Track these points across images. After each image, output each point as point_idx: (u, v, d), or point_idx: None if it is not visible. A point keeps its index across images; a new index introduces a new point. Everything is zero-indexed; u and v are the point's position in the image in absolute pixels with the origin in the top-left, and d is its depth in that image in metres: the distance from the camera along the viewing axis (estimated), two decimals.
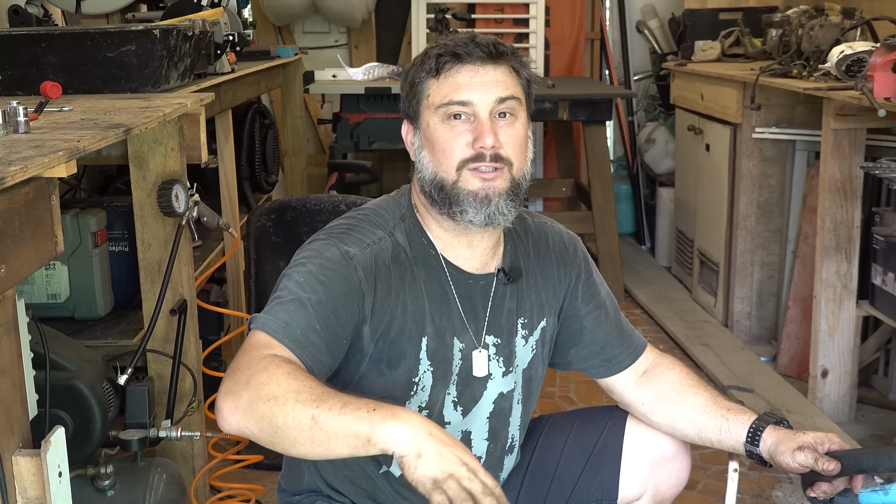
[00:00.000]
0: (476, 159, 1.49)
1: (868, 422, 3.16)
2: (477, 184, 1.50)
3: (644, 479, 1.74)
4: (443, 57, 1.50)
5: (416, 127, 1.57)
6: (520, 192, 1.54)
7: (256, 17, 5.33)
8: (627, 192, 5.54)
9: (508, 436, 1.71)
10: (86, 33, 2.24)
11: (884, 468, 1.46)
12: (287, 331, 1.40)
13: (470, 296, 1.60)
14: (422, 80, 1.53)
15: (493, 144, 1.48)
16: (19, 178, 1.26)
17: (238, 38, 3.02)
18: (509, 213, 1.53)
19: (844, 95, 2.79)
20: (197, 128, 2.24)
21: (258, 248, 3.07)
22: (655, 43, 5.48)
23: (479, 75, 1.50)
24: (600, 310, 1.73)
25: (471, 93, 1.49)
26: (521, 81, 1.55)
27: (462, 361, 1.60)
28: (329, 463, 1.65)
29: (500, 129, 1.50)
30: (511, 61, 1.53)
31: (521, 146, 1.53)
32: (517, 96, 1.52)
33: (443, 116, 1.50)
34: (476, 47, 1.49)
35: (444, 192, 1.52)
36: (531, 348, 1.68)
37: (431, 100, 1.52)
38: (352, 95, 4.52)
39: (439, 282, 1.58)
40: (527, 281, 1.66)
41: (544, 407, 3.29)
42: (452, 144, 1.50)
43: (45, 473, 1.33)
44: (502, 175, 1.51)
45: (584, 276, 1.72)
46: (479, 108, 1.49)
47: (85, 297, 2.42)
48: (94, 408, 1.91)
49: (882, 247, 2.92)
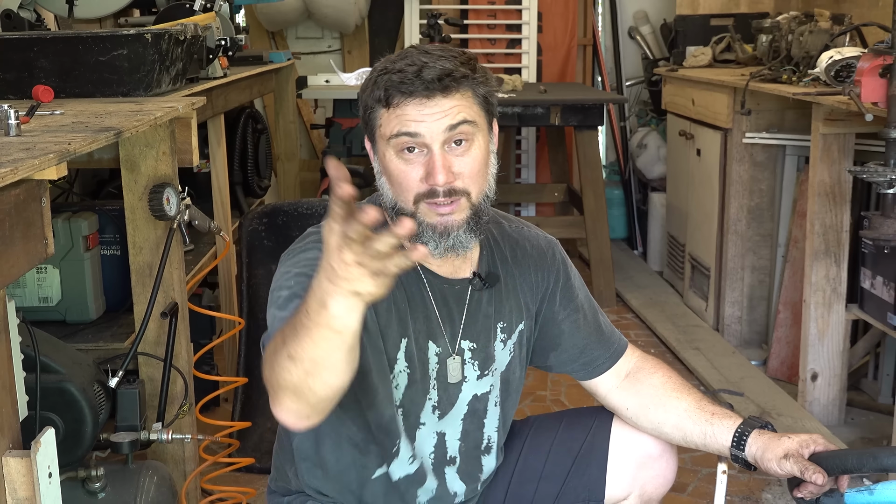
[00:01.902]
0: (430, 195, 1.47)
1: (857, 425, 3.18)
2: (435, 218, 1.49)
3: (630, 479, 1.75)
4: (389, 90, 1.46)
5: (374, 150, 1.54)
6: (481, 217, 1.52)
7: (249, 23, 5.34)
8: (619, 198, 5.56)
9: (484, 437, 1.71)
10: (78, 38, 2.25)
11: (868, 468, 1.47)
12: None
13: (446, 300, 1.60)
14: (373, 108, 1.49)
15: (445, 181, 1.46)
16: (10, 179, 1.27)
17: (230, 42, 3.03)
18: (469, 242, 1.52)
19: (833, 100, 2.81)
20: (188, 132, 2.24)
21: (250, 251, 3.08)
22: (647, 49, 5.51)
23: (428, 107, 1.44)
24: (578, 313, 1.73)
25: (419, 125, 1.45)
26: (476, 101, 1.50)
27: (439, 366, 1.61)
28: (318, 468, 1.65)
29: (455, 158, 1.47)
30: (462, 87, 1.47)
31: (478, 171, 1.50)
32: (470, 119, 1.47)
33: (396, 149, 1.47)
34: (421, 84, 1.44)
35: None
36: (509, 351, 1.68)
37: (383, 130, 1.48)
38: (345, 101, 4.53)
39: (416, 286, 1.58)
40: (505, 285, 1.65)
41: (535, 410, 3.30)
42: (407, 179, 1.48)
43: (35, 474, 1.34)
44: (459, 206, 1.49)
45: (563, 279, 1.72)
46: (430, 139, 1.45)
47: (76, 301, 2.43)
48: (84, 410, 1.91)
49: (871, 251, 2.94)
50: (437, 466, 1.66)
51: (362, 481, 1.64)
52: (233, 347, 3.25)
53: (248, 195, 4.06)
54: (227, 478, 2.64)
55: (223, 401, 3.24)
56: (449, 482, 1.69)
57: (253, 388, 2.99)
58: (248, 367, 3.01)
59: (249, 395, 3.03)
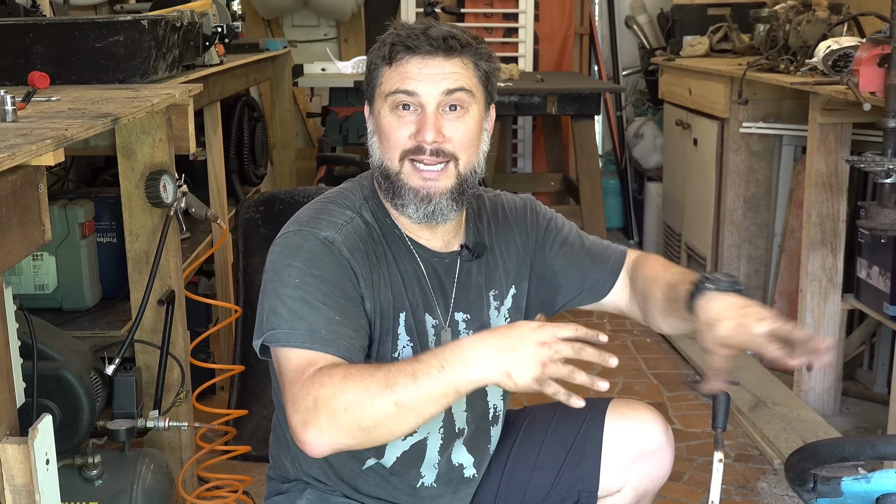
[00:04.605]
0: (416, 151, 1.50)
1: (852, 414, 3.19)
2: (418, 181, 1.51)
3: (624, 471, 1.75)
4: (395, 46, 1.50)
5: (371, 111, 1.57)
6: (466, 189, 1.54)
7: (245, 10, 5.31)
8: (616, 187, 5.55)
9: (489, 405, 1.71)
10: (74, 24, 2.24)
11: (865, 457, 1.47)
12: (315, 338, 1.39)
13: (437, 273, 1.62)
14: (377, 66, 1.53)
15: (433, 139, 1.48)
16: (6, 165, 1.26)
17: (227, 29, 3.02)
18: (450, 212, 1.54)
19: (830, 90, 2.81)
20: (185, 119, 2.24)
21: (246, 240, 3.08)
22: (644, 38, 5.50)
23: (429, 67, 1.49)
24: (564, 247, 1.73)
25: (417, 84, 1.48)
26: (477, 73, 1.53)
27: (436, 338, 1.61)
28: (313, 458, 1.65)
29: (448, 122, 1.50)
30: (464, 54, 1.51)
31: (470, 140, 1.52)
32: (468, 88, 1.51)
33: (391, 105, 1.50)
34: (426, 39, 1.48)
35: (389, 180, 1.53)
36: (504, 317, 1.69)
37: (383, 87, 1.52)
38: (341, 89, 4.52)
39: (409, 259, 1.59)
40: (492, 253, 1.67)
41: (532, 399, 3.30)
42: (396, 134, 1.50)
43: (33, 461, 1.33)
44: (446, 173, 1.51)
45: (544, 227, 1.73)
46: (426, 99, 1.49)
47: (73, 288, 2.42)
48: (81, 398, 1.91)
49: (867, 240, 2.94)
50: (446, 440, 1.67)
51: (355, 473, 1.64)
52: (229, 335, 3.25)
53: (244, 183, 4.06)
54: (223, 465, 2.64)
55: (220, 389, 3.24)
56: (455, 454, 1.69)
57: (249, 376, 2.99)
58: (244, 355, 3.01)
59: (246, 384, 3.02)
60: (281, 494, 1.72)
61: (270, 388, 1.72)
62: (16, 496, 1.34)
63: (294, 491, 1.69)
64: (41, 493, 1.34)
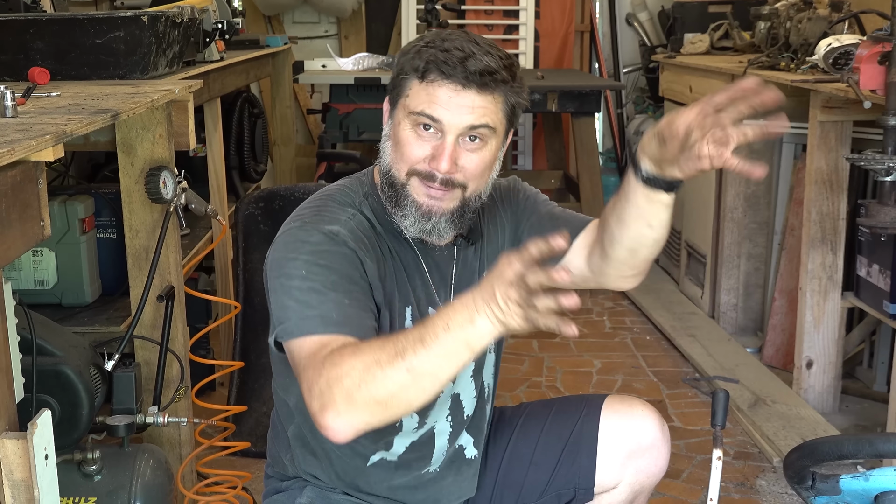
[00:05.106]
0: (428, 178, 1.49)
1: (852, 412, 3.19)
2: (423, 197, 1.51)
3: (620, 467, 1.75)
4: (430, 65, 1.46)
5: (391, 114, 1.56)
6: (466, 212, 1.54)
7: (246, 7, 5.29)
8: (616, 184, 5.52)
9: (485, 385, 1.73)
10: (74, 19, 2.24)
11: (864, 455, 1.47)
12: (326, 322, 1.38)
13: (438, 266, 1.63)
14: (407, 75, 1.50)
15: (447, 170, 1.48)
16: (6, 160, 1.26)
17: (227, 26, 3.02)
18: (446, 232, 1.54)
19: (831, 88, 2.81)
20: (185, 115, 2.24)
21: (246, 236, 3.08)
22: (645, 35, 5.50)
23: (459, 97, 1.46)
24: (534, 216, 1.70)
25: (443, 112, 1.46)
26: (504, 108, 1.51)
27: None
28: (312, 456, 1.66)
29: (464, 153, 1.49)
30: (497, 91, 1.48)
31: (482, 171, 1.52)
32: (492, 125, 1.49)
33: (413, 122, 1.49)
34: (462, 71, 1.45)
35: (394, 189, 1.53)
36: None
37: (408, 101, 1.49)
38: (341, 85, 4.51)
39: (410, 255, 1.60)
40: (487, 237, 1.68)
41: (530, 396, 3.31)
42: (412, 152, 1.49)
43: (32, 456, 1.34)
44: (451, 195, 1.51)
45: (531, 207, 1.71)
46: (448, 129, 1.47)
47: (72, 284, 2.42)
48: (81, 393, 1.91)
49: (867, 238, 2.94)
50: (455, 428, 1.67)
51: (358, 471, 1.64)
52: (229, 331, 3.25)
53: (244, 180, 4.06)
54: (222, 461, 2.64)
55: (219, 385, 3.24)
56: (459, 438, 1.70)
57: (248, 372, 2.99)
58: (243, 351, 3.01)
59: (245, 380, 3.02)
60: (280, 493, 1.72)
61: (270, 384, 1.72)
62: (15, 491, 1.34)
63: (294, 489, 1.69)
64: (40, 489, 1.35)
